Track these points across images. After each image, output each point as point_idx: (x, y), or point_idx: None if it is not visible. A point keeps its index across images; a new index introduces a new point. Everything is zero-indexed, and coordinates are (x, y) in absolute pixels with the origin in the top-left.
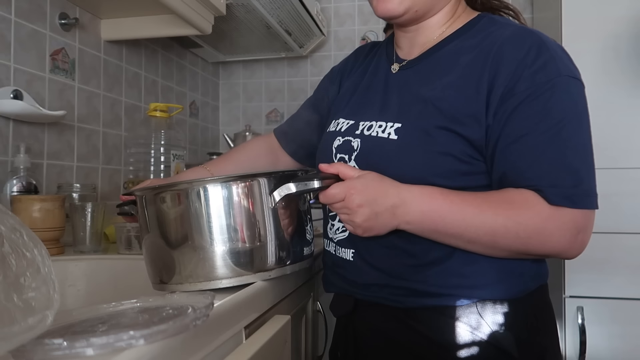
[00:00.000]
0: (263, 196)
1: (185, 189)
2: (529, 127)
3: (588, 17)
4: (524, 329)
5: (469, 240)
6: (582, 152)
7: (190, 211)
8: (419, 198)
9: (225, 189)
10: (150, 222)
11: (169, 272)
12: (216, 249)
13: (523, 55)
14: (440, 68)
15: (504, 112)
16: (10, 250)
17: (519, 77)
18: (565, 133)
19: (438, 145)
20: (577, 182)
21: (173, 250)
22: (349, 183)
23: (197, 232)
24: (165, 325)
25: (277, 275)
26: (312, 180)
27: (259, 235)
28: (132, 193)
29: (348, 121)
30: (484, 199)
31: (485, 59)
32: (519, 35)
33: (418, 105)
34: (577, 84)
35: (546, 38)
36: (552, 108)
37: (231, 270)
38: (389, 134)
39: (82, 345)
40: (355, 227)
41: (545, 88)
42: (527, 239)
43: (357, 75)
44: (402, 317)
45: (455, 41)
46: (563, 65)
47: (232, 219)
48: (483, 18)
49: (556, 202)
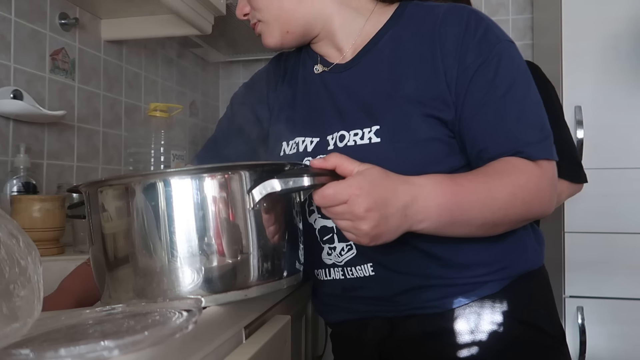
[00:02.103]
0: (244, 194)
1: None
2: (488, 94)
3: (588, 17)
4: (548, 302)
5: (482, 223)
6: (539, 107)
7: (144, 213)
8: (433, 191)
9: (194, 182)
10: (93, 227)
11: (119, 288)
12: (179, 261)
13: (464, 29)
14: (386, 61)
15: (462, 86)
16: (6, 256)
17: (466, 49)
18: (521, 92)
19: (421, 132)
20: (546, 135)
21: (120, 262)
22: (352, 181)
23: (155, 239)
24: (140, 336)
25: (260, 293)
26: (301, 176)
27: (240, 246)
28: (77, 189)
29: (311, 139)
30: (484, 174)
31: (430, 42)
32: (453, 12)
33: (385, 103)
34: (514, 46)
35: (476, 9)
36: (503, 72)
37: (204, 289)
38: (370, 139)
39: (51, 356)
40: (361, 236)
41: (492, 55)
42: (530, 202)
43: (286, 88)
44: (438, 322)
45: (387, 33)
46: (499, 31)
47: (203, 223)
48: (407, 6)
49: (537, 157)
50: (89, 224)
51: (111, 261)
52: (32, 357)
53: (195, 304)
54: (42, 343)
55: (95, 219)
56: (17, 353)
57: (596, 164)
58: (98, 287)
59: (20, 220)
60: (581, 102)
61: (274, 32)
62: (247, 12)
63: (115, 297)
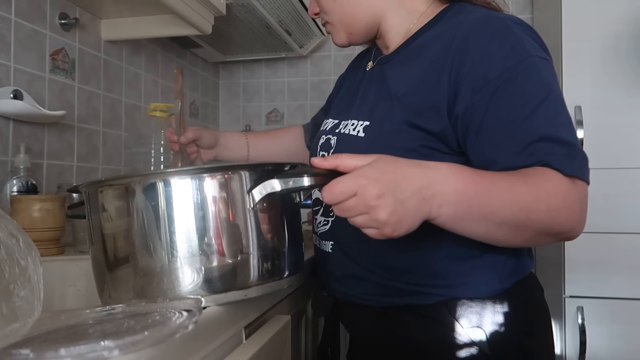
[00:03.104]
0: (244, 194)
1: (137, 182)
2: (514, 112)
3: (588, 17)
4: (499, 327)
5: (501, 222)
6: (571, 127)
7: (144, 213)
8: (449, 175)
9: (194, 182)
10: (93, 227)
11: (119, 288)
12: (179, 261)
13: (488, 40)
14: (409, 62)
15: (481, 101)
16: (6, 256)
17: (488, 63)
18: (553, 110)
19: (401, 141)
20: (581, 155)
21: (120, 262)
22: (358, 172)
23: (155, 239)
24: (140, 336)
25: (261, 293)
26: (301, 176)
27: (240, 246)
28: (77, 189)
29: (333, 120)
30: (508, 173)
31: (447, 48)
32: (482, 21)
33: (385, 102)
34: (547, 63)
35: (511, 21)
36: (531, 89)
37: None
38: (358, 132)
39: (51, 356)
40: (382, 227)
41: (519, 70)
42: (557, 211)
43: (351, 77)
44: (376, 317)
45: (424, 34)
46: (530, 46)
47: (203, 223)
48: (453, 7)
49: (569, 172)
50: (89, 224)
51: (111, 261)
52: (32, 357)
53: (195, 304)
54: (42, 343)
55: (95, 219)
56: (17, 353)
57: (596, 164)
58: (98, 287)
59: (20, 220)
60: (581, 102)
61: (340, 33)
62: (317, 12)
63: (115, 297)
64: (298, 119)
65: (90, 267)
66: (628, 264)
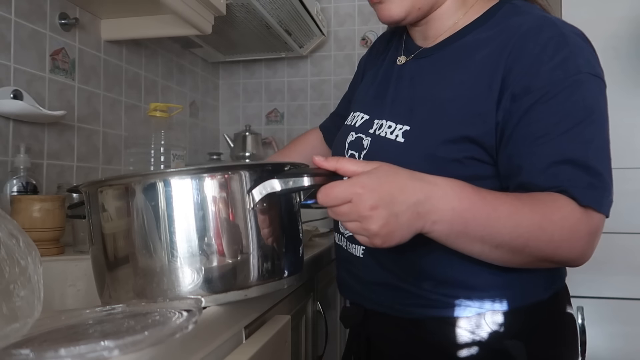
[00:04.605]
0: (244, 194)
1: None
2: (546, 128)
3: (588, 17)
4: (538, 339)
5: (498, 245)
6: (605, 155)
7: (144, 213)
8: (450, 192)
9: (194, 182)
10: (93, 227)
11: (119, 288)
12: (179, 261)
13: (540, 49)
14: (455, 63)
15: (517, 110)
16: (6, 256)
17: (534, 73)
18: (589, 134)
19: (445, 151)
20: (603, 185)
21: (120, 262)
22: (356, 180)
23: (155, 239)
24: (140, 336)
25: (260, 293)
26: (301, 176)
27: (240, 246)
28: (77, 189)
29: (364, 115)
30: (515, 196)
31: (500, 54)
32: (537, 27)
33: (428, 105)
34: (598, 82)
35: (568, 30)
36: (570, 108)
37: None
38: (397, 136)
39: (51, 356)
40: (372, 237)
41: (563, 86)
42: (559, 242)
43: (378, 65)
44: (408, 328)
45: (472, 32)
46: (584, 61)
47: (203, 223)
48: (504, 5)
49: (585, 202)
50: (89, 224)
51: (111, 261)
52: (32, 357)
53: (195, 304)
54: (42, 343)
55: (95, 219)
56: (17, 353)
57: None
58: (98, 287)
59: (20, 220)
60: None
61: (405, 4)
62: None
63: (115, 297)
64: (298, 119)
65: (90, 267)
66: (628, 264)
